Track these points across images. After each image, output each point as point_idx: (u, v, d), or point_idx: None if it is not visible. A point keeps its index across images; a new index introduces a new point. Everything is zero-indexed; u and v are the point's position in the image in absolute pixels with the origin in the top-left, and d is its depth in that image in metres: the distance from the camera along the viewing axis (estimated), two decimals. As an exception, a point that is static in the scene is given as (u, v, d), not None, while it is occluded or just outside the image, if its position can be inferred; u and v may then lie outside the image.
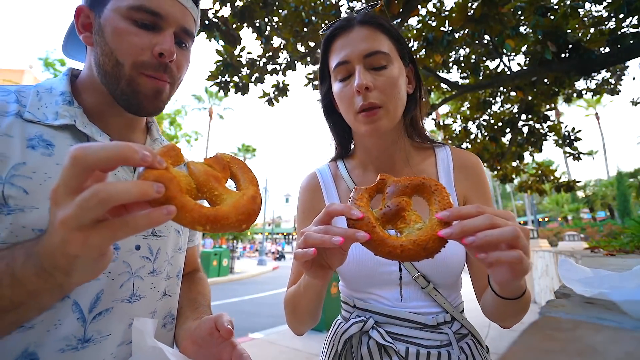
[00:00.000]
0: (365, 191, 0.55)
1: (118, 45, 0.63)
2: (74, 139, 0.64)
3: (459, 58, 4.86)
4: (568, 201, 31.39)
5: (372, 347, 0.77)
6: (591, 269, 0.52)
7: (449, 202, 0.50)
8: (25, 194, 0.56)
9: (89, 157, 0.34)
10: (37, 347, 0.54)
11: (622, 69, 5.84)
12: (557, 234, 16.22)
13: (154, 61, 0.64)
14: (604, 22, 4.03)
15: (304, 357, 4.32)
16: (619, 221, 20.59)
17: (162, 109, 0.71)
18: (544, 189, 5.67)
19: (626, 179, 26.26)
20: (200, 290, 0.91)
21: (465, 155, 0.88)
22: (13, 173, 0.56)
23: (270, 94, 4.83)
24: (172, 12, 0.65)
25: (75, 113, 0.65)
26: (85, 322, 0.59)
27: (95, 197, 0.34)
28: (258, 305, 8.61)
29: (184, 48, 0.71)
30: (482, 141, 5.64)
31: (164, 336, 0.75)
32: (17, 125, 0.59)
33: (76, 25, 0.68)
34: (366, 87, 0.72)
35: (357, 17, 0.79)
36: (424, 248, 0.47)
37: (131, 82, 0.65)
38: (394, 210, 0.52)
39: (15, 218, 0.54)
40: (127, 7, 0.62)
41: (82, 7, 0.67)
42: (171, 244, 0.78)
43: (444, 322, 0.76)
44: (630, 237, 2.02)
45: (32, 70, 16.93)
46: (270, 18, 4.04)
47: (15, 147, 0.57)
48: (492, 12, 3.05)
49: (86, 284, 0.58)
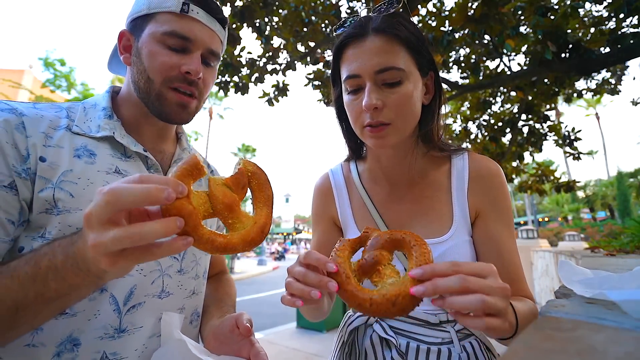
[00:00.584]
0: (348, 243, 0.59)
1: (150, 64, 0.72)
2: (113, 149, 0.73)
3: (459, 58, 4.85)
4: (568, 201, 31.36)
5: (374, 339, 0.80)
6: (591, 270, 0.52)
7: (428, 259, 0.50)
8: (71, 197, 0.63)
9: (121, 201, 0.40)
10: (80, 333, 0.62)
11: (622, 69, 5.83)
12: (557, 234, 16.20)
13: (181, 77, 0.73)
14: (604, 22, 4.03)
15: (304, 357, 4.32)
16: (619, 221, 20.58)
17: (189, 120, 0.79)
18: (544, 189, 5.67)
19: (626, 179, 26.23)
20: (227, 291, 0.99)
21: (483, 164, 0.80)
22: (62, 179, 0.64)
23: (270, 94, 4.83)
24: (200, 36, 0.74)
25: (114, 126, 0.74)
26: (121, 314, 0.66)
27: (129, 239, 0.40)
28: (258, 305, 8.61)
29: (210, 67, 0.80)
30: (482, 141, 5.64)
31: (190, 332, 0.81)
32: (66, 138, 0.68)
33: (118, 47, 0.78)
34: (375, 107, 0.69)
35: (372, 24, 0.72)
36: (393, 303, 0.47)
37: (160, 96, 0.73)
38: (370, 263, 0.54)
39: (63, 218, 0.62)
40: (161, 32, 0.71)
41: (124, 32, 0.77)
42: None
43: (447, 321, 0.77)
44: (630, 237, 2.02)
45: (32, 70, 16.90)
46: (270, 18, 4.04)
47: (65, 157, 0.66)
48: (492, 12, 3.05)
49: (121, 279, 0.66)
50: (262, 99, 4.85)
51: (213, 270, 1.05)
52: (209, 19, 0.75)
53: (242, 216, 0.51)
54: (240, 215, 0.51)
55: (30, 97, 13.43)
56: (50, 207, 0.62)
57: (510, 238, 0.77)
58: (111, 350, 0.63)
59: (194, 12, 0.72)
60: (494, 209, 0.77)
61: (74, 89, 13.33)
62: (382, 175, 0.88)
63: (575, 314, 0.34)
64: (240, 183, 0.53)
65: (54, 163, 0.64)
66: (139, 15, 0.73)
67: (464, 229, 0.77)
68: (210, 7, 0.75)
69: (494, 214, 0.77)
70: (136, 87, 0.75)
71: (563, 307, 0.37)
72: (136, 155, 0.75)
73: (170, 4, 0.71)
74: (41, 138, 0.64)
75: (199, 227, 0.46)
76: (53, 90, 13.08)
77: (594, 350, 0.23)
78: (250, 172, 0.54)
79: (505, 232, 0.76)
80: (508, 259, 0.75)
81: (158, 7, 0.72)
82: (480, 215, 0.78)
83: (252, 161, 0.55)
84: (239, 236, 0.49)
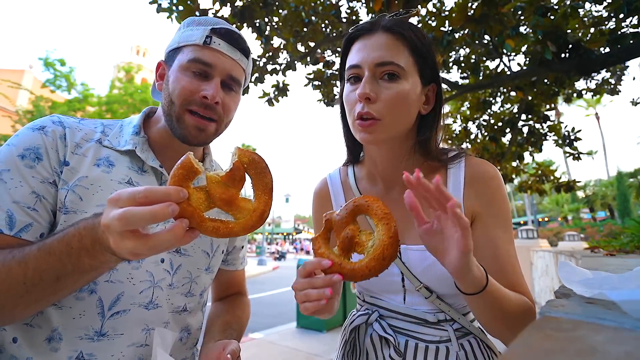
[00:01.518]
0: (319, 238, 0.62)
1: (174, 89, 0.78)
2: (131, 162, 0.79)
3: (459, 58, 4.84)
4: (568, 201, 31.35)
5: (374, 338, 0.81)
6: (591, 270, 0.52)
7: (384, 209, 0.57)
8: (80, 200, 0.70)
9: (130, 222, 0.46)
10: (64, 329, 0.66)
11: (622, 69, 5.82)
12: (557, 234, 16.21)
13: (199, 101, 0.78)
14: (604, 22, 4.02)
15: (304, 357, 4.32)
16: (619, 221, 20.58)
17: (207, 142, 0.85)
18: (544, 189, 5.66)
19: (626, 179, 26.21)
20: (237, 314, 1.00)
21: (479, 168, 0.79)
22: (77, 183, 0.71)
23: (270, 94, 4.83)
24: (220, 63, 0.79)
25: (138, 141, 0.80)
26: (104, 318, 0.68)
27: (144, 247, 0.48)
28: (258, 305, 8.61)
29: (232, 93, 0.84)
30: (482, 141, 5.63)
31: (179, 349, 0.82)
32: (93, 149, 0.76)
33: (155, 75, 0.87)
34: (368, 97, 0.71)
35: (383, 22, 0.76)
36: (383, 258, 0.54)
37: (179, 119, 0.79)
38: (347, 241, 0.58)
39: (68, 217, 0.68)
40: (186, 61, 0.78)
41: (160, 62, 0.86)
42: (197, 264, 0.85)
43: (444, 320, 0.77)
44: (630, 237, 2.02)
45: (32, 70, 16.91)
46: (270, 18, 4.04)
47: (85, 164, 0.73)
48: (492, 12, 3.04)
49: (112, 284, 0.70)
50: (262, 99, 4.85)
51: (230, 290, 1.07)
52: (231, 49, 0.81)
53: (242, 206, 0.55)
54: (240, 206, 0.55)
55: (30, 97, 13.44)
56: (61, 205, 0.69)
57: (507, 242, 0.75)
58: (88, 351, 0.66)
59: (215, 44, 0.79)
60: (491, 212, 0.76)
61: (74, 89, 13.32)
62: (378, 178, 0.88)
63: (575, 314, 0.34)
64: (237, 177, 0.54)
65: (74, 168, 0.72)
66: (172, 48, 0.82)
67: None
68: (232, 38, 0.82)
69: (491, 217, 0.76)
70: (163, 110, 0.82)
71: (563, 307, 0.37)
72: (152, 170, 0.80)
73: (195, 37, 0.79)
74: (73, 146, 0.73)
75: (203, 222, 0.51)
76: (53, 90, 13.08)
77: (594, 350, 0.23)
78: (246, 162, 0.55)
79: (502, 236, 0.75)
80: (506, 262, 0.73)
81: (186, 41, 0.80)
82: (477, 219, 0.77)
83: (248, 149, 0.56)
84: (240, 225, 0.54)
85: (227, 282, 1.04)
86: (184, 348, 0.83)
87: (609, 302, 0.36)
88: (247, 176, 0.56)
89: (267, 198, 0.55)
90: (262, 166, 0.55)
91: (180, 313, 0.81)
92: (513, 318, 0.63)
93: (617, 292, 0.35)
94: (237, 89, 0.86)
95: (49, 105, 13.15)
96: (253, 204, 0.55)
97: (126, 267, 0.72)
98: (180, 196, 0.48)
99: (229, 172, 0.54)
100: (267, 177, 0.56)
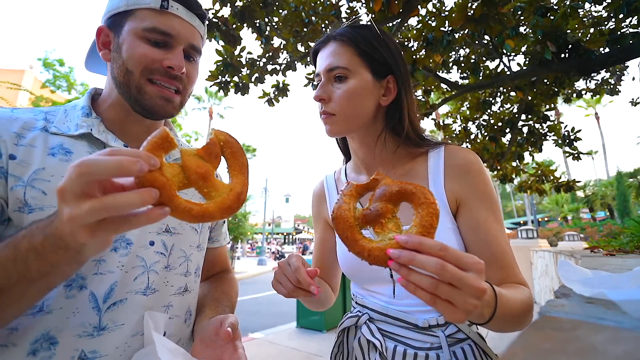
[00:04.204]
0: (355, 188, 0.57)
1: (129, 56, 0.71)
2: (91, 146, 0.72)
3: (459, 58, 4.84)
4: (568, 201, 31.35)
5: (362, 341, 0.81)
6: (591, 270, 0.52)
7: (432, 221, 0.48)
8: (44, 195, 0.63)
9: (93, 172, 0.40)
10: (58, 331, 0.61)
11: (622, 69, 5.83)
12: (557, 234, 16.19)
13: (163, 71, 0.72)
14: (604, 22, 4.03)
15: (304, 356, 4.32)
16: (618, 221, 20.57)
17: (174, 113, 0.78)
18: (543, 189, 5.66)
19: (626, 179, 26.22)
20: (225, 291, 0.96)
21: (459, 154, 0.82)
22: (34, 177, 0.64)
23: (270, 94, 4.83)
24: (181, 32, 0.74)
25: (92, 123, 0.73)
26: (100, 312, 0.65)
27: (104, 210, 0.40)
28: (258, 305, 8.61)
29: (192, 62, 0.80)
30: (482, 141, 5.63)
31: (184, 331, 0.80)
32: (40, 138, 0.68)
33: (97, 43, 0.77)
34: (322, 98, 0.83)
35: (333, 33, 0.86)
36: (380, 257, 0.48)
37: (140, 89, 0.72)
38: (375, 214, 0.53)
39: (36, 216, 0.61)
40: (142, 28, 0.71)
41: (102, 27, 0.76)
42: (188, 241, 0.83)
43: (436, 325, 0.75)
44: (629, 237, 2.02)
45: (32, 70, 16.89)
46: (270, 18, 4.03)
47: (37, 155, 0.66)
48: (492, 12, 3.04)
49: (102, 276, 0.66)
50: (262, 99, 4.84)
51: (215, 268, 1.03)
52: (189, 14, 0.76)
53: (218, 185, 0.51)
54: (216, 184, 0.51)
55: (30, 97, 13.43)
56: (22, 205, 0.62)
57: (496, 223, 0.75)
58: (90, 349, 0.62)
59: (173, 8, 0.72)
60: (475, 196, 0.77)
61: (74, 89, 13.31)
62: (361, 167, 0.94)
63: (575, 314, 0.34)
64: (213, 153, 0.52)
65: (24, 161, 0.64)
66: (118, 12, 0.73)
67: (445, 217, 0.77)
68: (189, 3, 0.76)
69: (476, 200, 0.77)
70: (116, 82, 0.74)
71: (563, 306, 0.37)
72: None
73: (149, 0, 0.71)
74: (12, 137, 0.65)
75: (175, 197, 0.45)
76: (53, 90, 13.07)
77: (594, 350, 0.23)
78: (222, 141, 0.53)
79: (490, 217, 0.75)
80: (495, 244, 0.73)
81: (137, 4, 0.71)
82: (462, 204, 0.78)
83: (224, 131, 0.54)
84: (215, 204, 0.48)
85: (212, 260, 1.00)
86: (188, 330, 0.81)
87: (609, 302, 0.36)
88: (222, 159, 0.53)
89: (243, 178, 0.52)
90: (237, 147, 0.53)
91: (183, 294, 0.78)
92: (520, 317, 0.63)
93: (617, 292, 0.35)
94: (197, 58, 0.81)
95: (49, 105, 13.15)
96: (229, 184, 0.51)
97: (114, 255, 0.68)
98: (151, 162, 0.43)
99: (205, 147, 0.51)
100: (243, 158, 0.53)
